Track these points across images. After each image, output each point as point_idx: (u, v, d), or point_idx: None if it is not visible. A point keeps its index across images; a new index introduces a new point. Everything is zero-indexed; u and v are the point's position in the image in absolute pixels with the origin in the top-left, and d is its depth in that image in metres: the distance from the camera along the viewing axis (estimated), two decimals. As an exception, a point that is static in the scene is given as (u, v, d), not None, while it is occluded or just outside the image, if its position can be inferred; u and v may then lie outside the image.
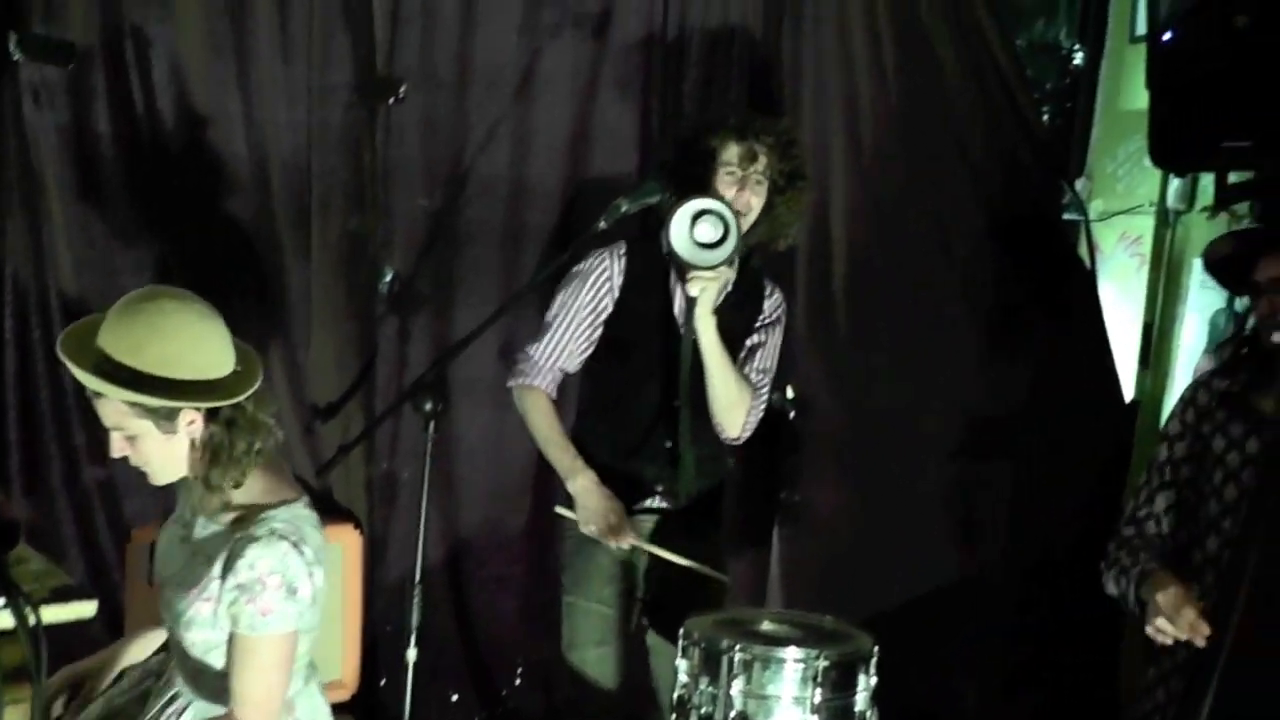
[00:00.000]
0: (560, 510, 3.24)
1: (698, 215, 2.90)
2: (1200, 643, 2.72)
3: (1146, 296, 4.76)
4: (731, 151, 3.13)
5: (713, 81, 4.00)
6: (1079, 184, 4.95)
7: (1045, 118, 4.88)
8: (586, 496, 3.15)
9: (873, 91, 4.27)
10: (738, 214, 3.00)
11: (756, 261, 3.38)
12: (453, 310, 3.89)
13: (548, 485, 3.89)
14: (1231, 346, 3.12)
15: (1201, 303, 4.54)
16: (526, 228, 3.93)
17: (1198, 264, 4.46)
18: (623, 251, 3.24)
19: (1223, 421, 2.99)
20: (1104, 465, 4.60)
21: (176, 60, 3.49)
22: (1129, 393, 4.73)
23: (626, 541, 3.09)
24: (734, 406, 3.19)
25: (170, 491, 2.50)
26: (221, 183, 3.58)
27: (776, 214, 3.20)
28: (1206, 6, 3.83)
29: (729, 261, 2.98)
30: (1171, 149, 4.04)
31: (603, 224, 2.85)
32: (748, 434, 3.28)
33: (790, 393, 4.28)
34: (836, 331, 4.34)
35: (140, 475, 2.36)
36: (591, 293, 3.23)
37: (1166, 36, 3.95)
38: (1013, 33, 4.58)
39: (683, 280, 3.07)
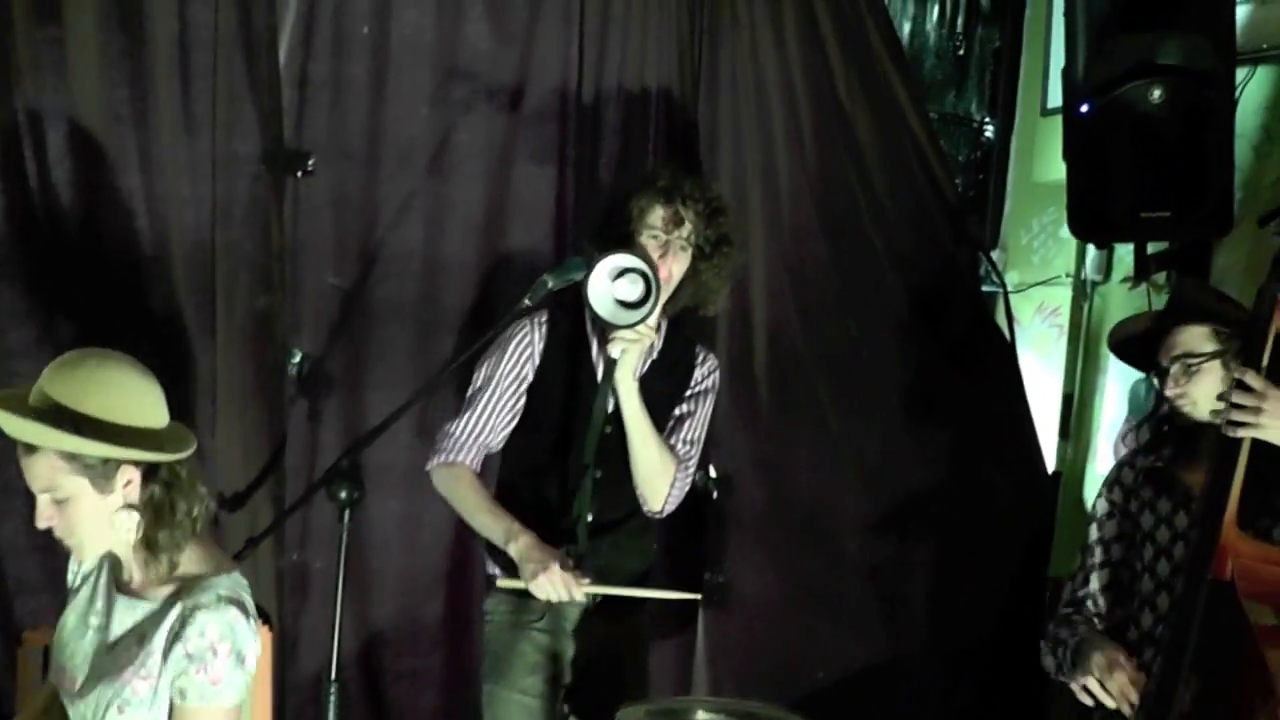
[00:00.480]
0: (504, 583, 3.05)
1: (619, 273, 2.83)
2: (1127, 712, 2.71)
3: (1065, 367, 4.79)
4: (656, 214, 3.04)
5: (630, 150, 3.93)
6: (994, 255, 4.96)
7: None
8: (530, 555, 2.93)
9: (790, 161, 4.24)
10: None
11: (688, 330, 3.29)
12: (365, 393, 3.72)
13: (465, 572, 3.78)
14: (1152, 423, 3.10)
15: (1121, 372, 4.55)
16: (441, 306, 3.78)
17: (1117, 334, 4.48)
18: (544, 319, 3.14)
19: (1150, 498, 2.99)
20: (1028, 538, 4.59)
21: (73, 131, 3.32)
22: (1050, 464, 4.73)
23: (580, 592, 2.91)
24: (657, 476, 3.09)
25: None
26: (121, 260, 3.38)
27: (703, 280, 3.11)
28: (1122, 79, 3.87)
29: (650, 321, 2.91)
30: (1090, 220, 4.08)
31: (527, 302, 2.75)
32: (671, 507, 3.17)
33: (713, 471, 4.18)
34: (759, 409, 4.26)
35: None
36: (513, 361, 3.13)
37: (1084, 109, 3.98)
38: (924, 104, 4.58)
39: (604, 343, 2.98)
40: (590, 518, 3.11)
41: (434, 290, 3.78)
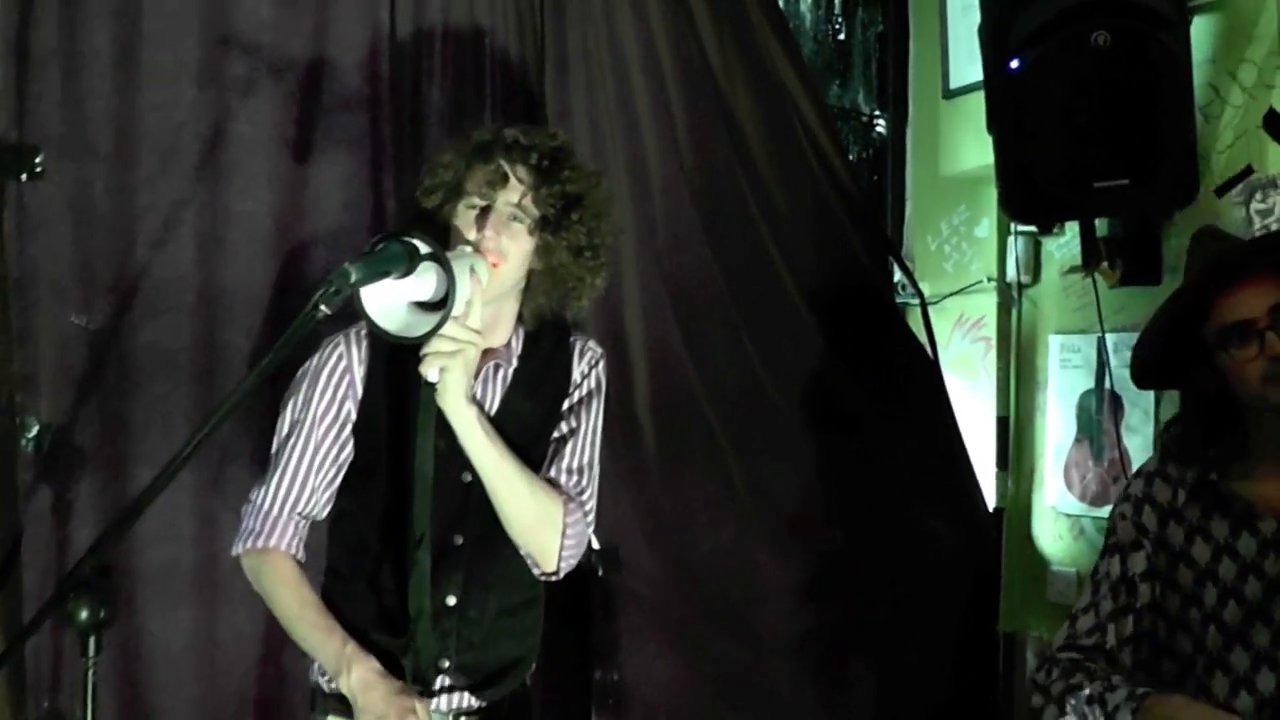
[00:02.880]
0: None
1: (413, 259, 2.05)
2: None
3: (997, 387, 4.21)
4: (475, 176, 2.34)
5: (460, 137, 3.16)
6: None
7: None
8: (369, 694, 2.27)
9: (662, 151, 3.57)
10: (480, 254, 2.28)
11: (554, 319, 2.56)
12: (129, 470, 2.87)
13: (279, 701, 3.00)
14: (1189, 423, 2.45)
15: (1064, 385, 4.01)
16: (225, 349, 2.94)
17: (1055, 342, 3.92)
18: (364, 332, 2.41)
19: (1198, 520, 2.36)
20: (971, 588, 4.03)
21: None
22: (990, 500, 4.15)
23: None
24: (538, 528, 2.38)
25: None
26: None
27: (557, 262, 2.38)
28: (1058, 26, 3.28)
29: (472, 321, 2.22)
30: (1029, 199, 3.46)
31: (324, 308, 1.91)
32: (569, 564, 2.45)
33: (595, 543, 3.42)
34: (646, 460, 3.54)
35: None
36: (329, 396, 2.40)
37: (1014, 64, 3.37)
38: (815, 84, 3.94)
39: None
40: (453, 600, 2.40)
41: (214, 329, 2.96)
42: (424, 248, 2.03)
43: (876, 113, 4.65)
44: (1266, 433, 2.32)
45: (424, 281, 2.08)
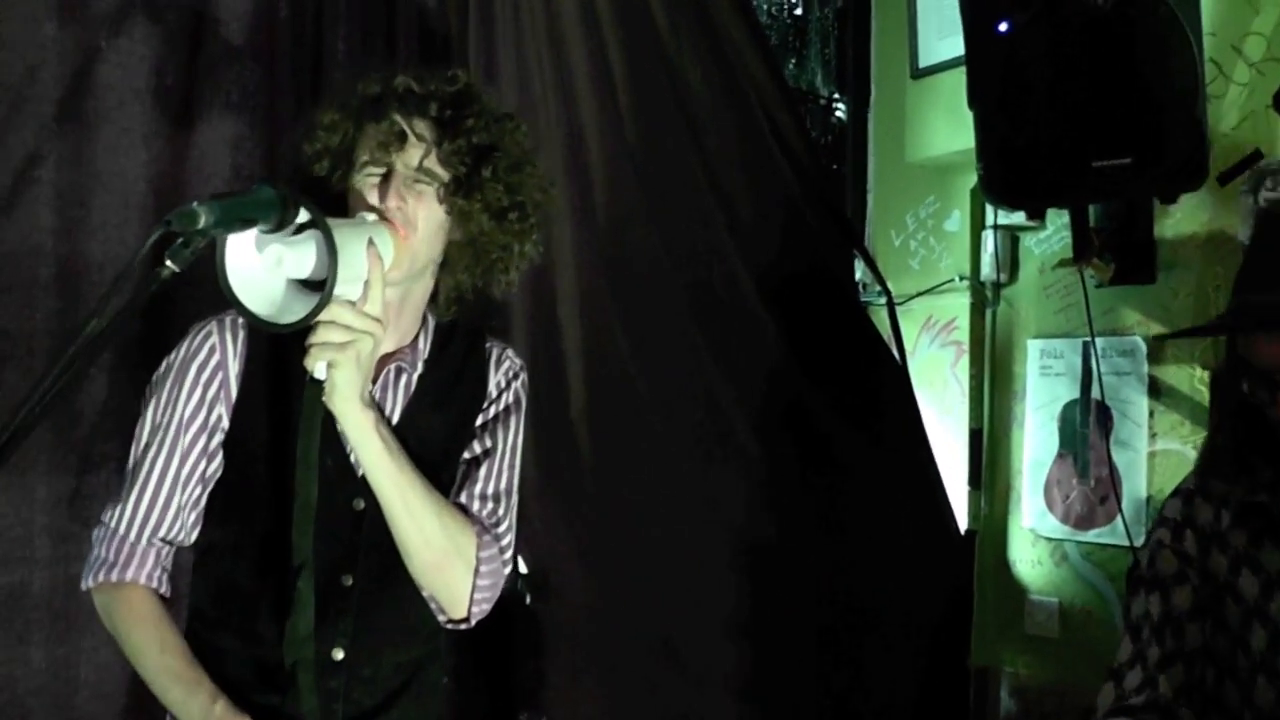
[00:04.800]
0: None
1: (288, 208, 1.66)
2: None
3: (970, 396, 3.94)
4: (367, 137, 1.97)
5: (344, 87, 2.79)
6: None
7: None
8: None
9: (602, 122, 3.23)
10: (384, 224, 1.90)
11: (468, 319, 2.17)
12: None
13: None
14: (1229, 432, 2.11)
15: (1044, 395, 3.75)
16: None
17: (1034, 347, 3.62)
18: (241, 320, 1.99)
19: (1244, 548, 2.02)
20: (941, 618, 3.72)
21: None
22: (963, 521, 3.87)
23: None
24: (444, 563, 1.98)
25: None
26: None
27: (476, 227, 2.01)
28: (1052, -15, 3.00)
29: (372, 306, 1.82)
30: (1014, 181, 3.17)
31: (169, 265, 1.51)
32: (481, 611, 2.05)
33: (521, 566, 3.07)
34: (580, 473, 3.20)
35: None
36: (197, 397, 1.99)
37: (1002, 27, 3.07)
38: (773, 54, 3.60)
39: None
40: (340, 654, 1.99)
41: (75, 309, 2.54)
42: (302, 210, 1.66)
43: (835, 95, 4.35)
44: None
45: (305, 253, 1.70)
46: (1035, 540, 3.73)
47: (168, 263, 1.48)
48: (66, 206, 2.55)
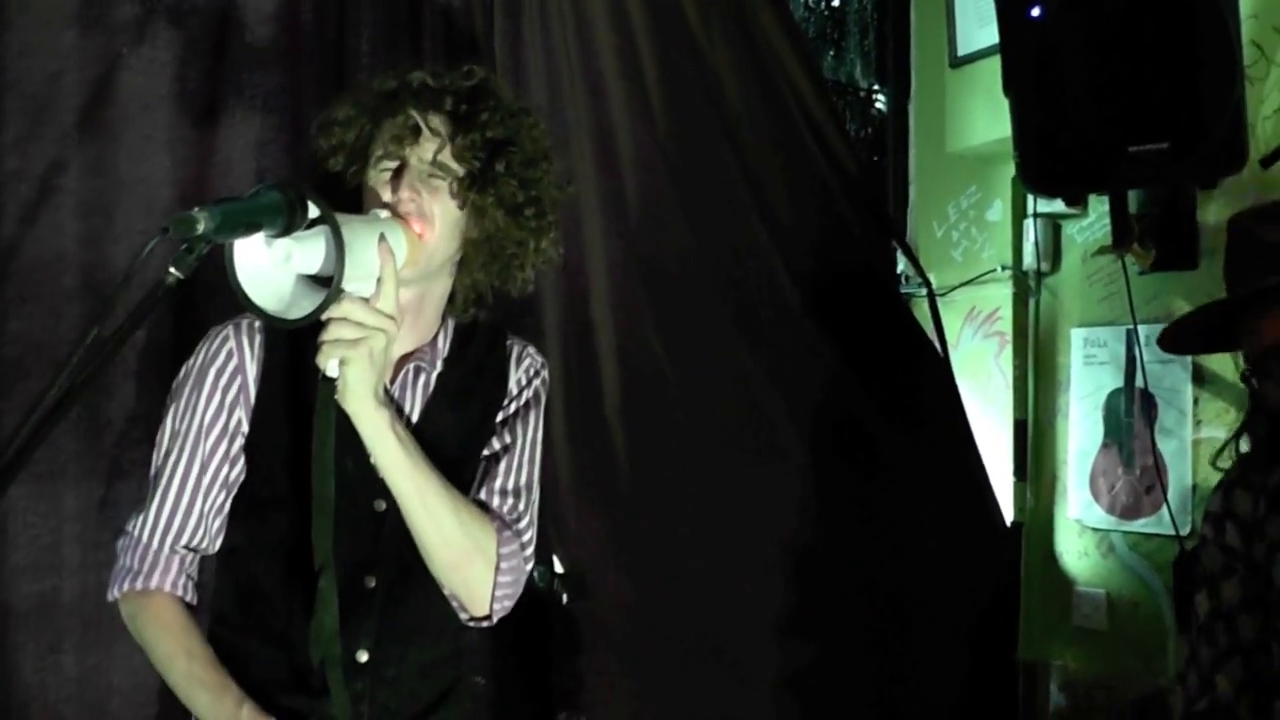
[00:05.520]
0: None
1: (295, 211, 1.63)
2: None
3: (1014, 387, 3.84)
4: (383, 132, 1.94)
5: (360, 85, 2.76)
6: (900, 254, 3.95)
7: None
8: None
9: (632, 117, 3.16)
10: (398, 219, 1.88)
11: (487, 317, 2.13)
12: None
13: None
14: (1259, 418, 2.05)
15: (1088, 385, 3.66)
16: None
17: (1078, 336, 3.53)
18: (259, 324, 1.98)
19: None
20: (986, 610, 3.62)
21: None
22: (1008, 513, 3.77)
23: None
24: (464, 561, 1.96)
25: None
26: None
27: (491, 224, 1.97)
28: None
29: (384, 304, 1.79)
30: (1051, 169, 3.09)
31: (175, 271, 1.49)
32: (504, 608, 2.02)
33: (557, 565, 3.03)
34: (615, 473, 3.13)
35: None
36: (217, 401, 1.98)
37: (1035, 12, 2.99)
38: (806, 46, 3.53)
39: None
40: (365, 656, 1.97)
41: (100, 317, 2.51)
42: (311, 205, 1.62)
43: (875, 87, 4.30)
44: None
45: (314, 248, 1.67)
46: (1082, 531, 3.63)
47: (171, 270, 1.47)
48: (90, 214, 2.53)
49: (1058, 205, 3.60)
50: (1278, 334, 1.92)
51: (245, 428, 1.98)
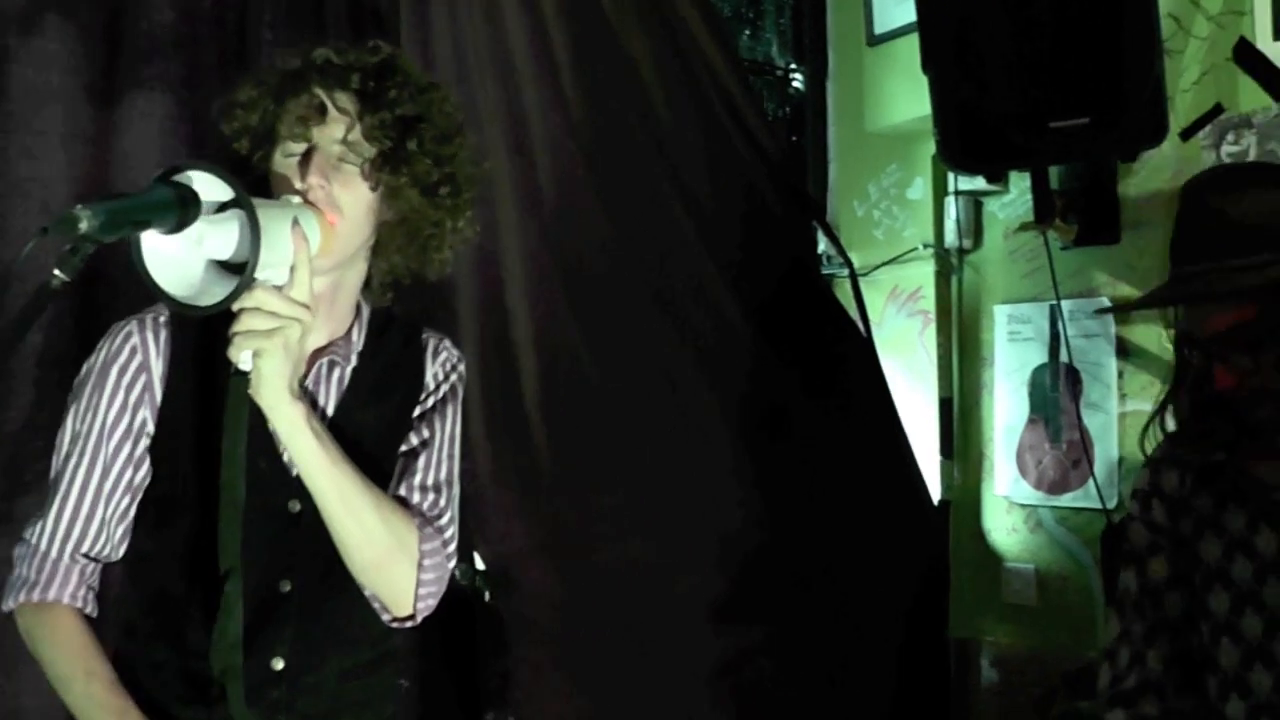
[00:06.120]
0: None
1: (188, 207, 1.53)
2: None
3: (939, 365, 3.81)
4: (288, 113, 1.83)
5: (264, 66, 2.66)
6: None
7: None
8: None
9: (543, 99, 3.07)
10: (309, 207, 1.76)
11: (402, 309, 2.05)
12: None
13: None
14: (1187, 391, 2.00)
15: (1013, 361, 3.62)
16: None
17: (1001, 312, 3.50)
18: (164, 319, 1.87)
19: (1210, 511, 1.93)
20: (917, 589, 3.57)
21: None
22: (936, 491, 3.75)
23: None
24: (386, 561, 1.86)
25: None
26: None
27: (407, 205, 1.87)
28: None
29: (299, 292, 1.68)
30: (972, 145, 3.04)
31: (59, 274, 1.39)
32: (428, 606, 1.92)
33: (479, 562, 2.94)
34: (536, 464, 3.04)
35: None
36: (120, 401, 1.86)
37: (954, -12, 2.94)
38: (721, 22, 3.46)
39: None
40: (281, 664, 1.86)
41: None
42: (225, 187, 1.52)
43: (793, 66, 4.20)
44: None
45: (227, 232, 1.57)
46: (1010, 507, 3.61)
47: (56, 272, 1.37)
48: (-23, 217, 2.41)
49: (979, 183, 3.57)
50: (1238, 319, 1.87)
51: (150, 428, 1.86)
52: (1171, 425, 2.05)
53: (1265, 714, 1.81)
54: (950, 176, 3.66)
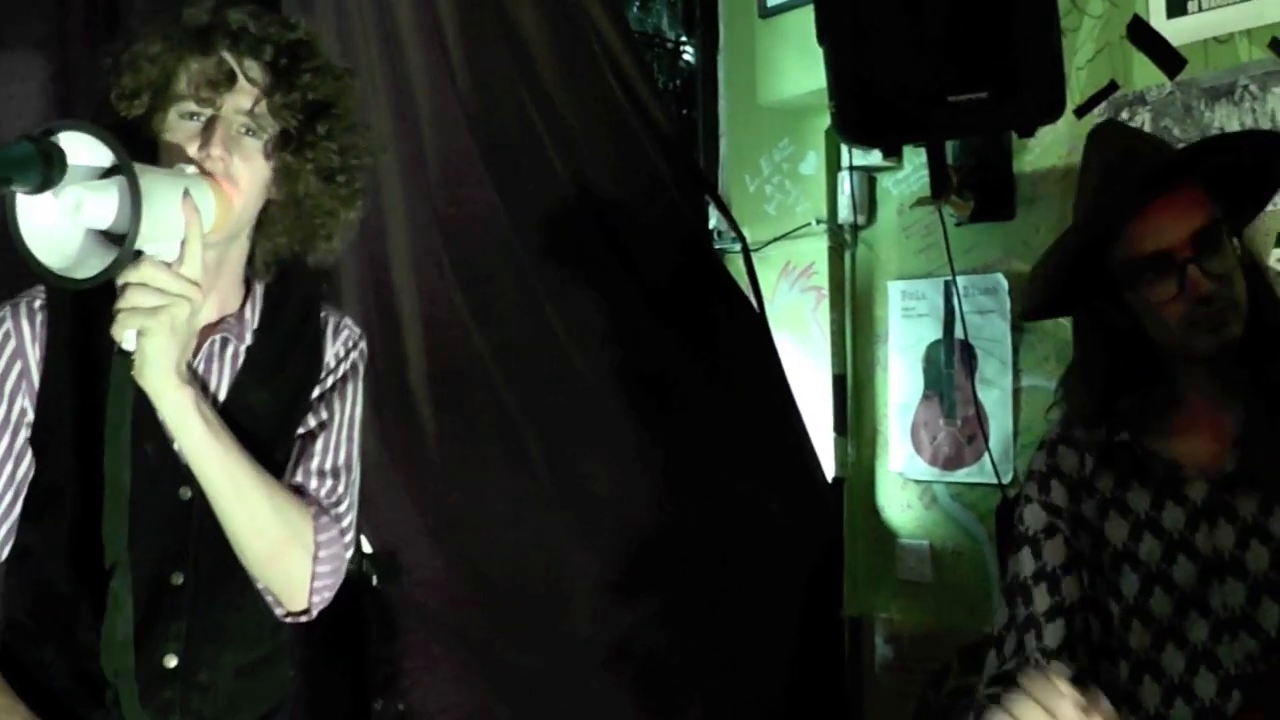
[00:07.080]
0: None
1: (52, 164, 1.41)
2: None
3: (832, 341, 3.74)
4: (190, 72, 1.69)
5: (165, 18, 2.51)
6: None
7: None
8: None
9: (430, 70, 2.95)
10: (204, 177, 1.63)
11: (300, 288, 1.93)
12: None
13: None
14: (1090, 370, 1.95)
15: (908, 337, 3.58)
16: None
17: (895, 289, 3.46)
18: (39, 303, 1.74)
19: (1113, 491, 1.88)
20: (811, 567, 3.55)
21: None
22: (829, 469, 3.68)
23: None
24: (280, 552, 1.75)
25: None
26: None
27: (302, 189, 1.76)
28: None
29: (189, 269, 1.56)
30: (868, 119, 2.96)
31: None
32: (323, 600, 1.82)
33: (367, 546, 2.83)
34: (425, 445, 2.95)
35: None
36: None
37: (848, -46, 2.86)
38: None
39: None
40: (173, 662, 1.75)
41: None
42: (104, 149, 1.39)
43: (683, 38, 4.10)
44: (1191, 380, 1.84)
45: (108, 199, 1.44)
46: (904, 484, 3.56)
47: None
48: None
49: (873, 158, 3.51)
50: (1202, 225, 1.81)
51: (30, 417, 1.73)
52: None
53: (1180, 694, 1.76)
54: (844, 151, 3.59)
